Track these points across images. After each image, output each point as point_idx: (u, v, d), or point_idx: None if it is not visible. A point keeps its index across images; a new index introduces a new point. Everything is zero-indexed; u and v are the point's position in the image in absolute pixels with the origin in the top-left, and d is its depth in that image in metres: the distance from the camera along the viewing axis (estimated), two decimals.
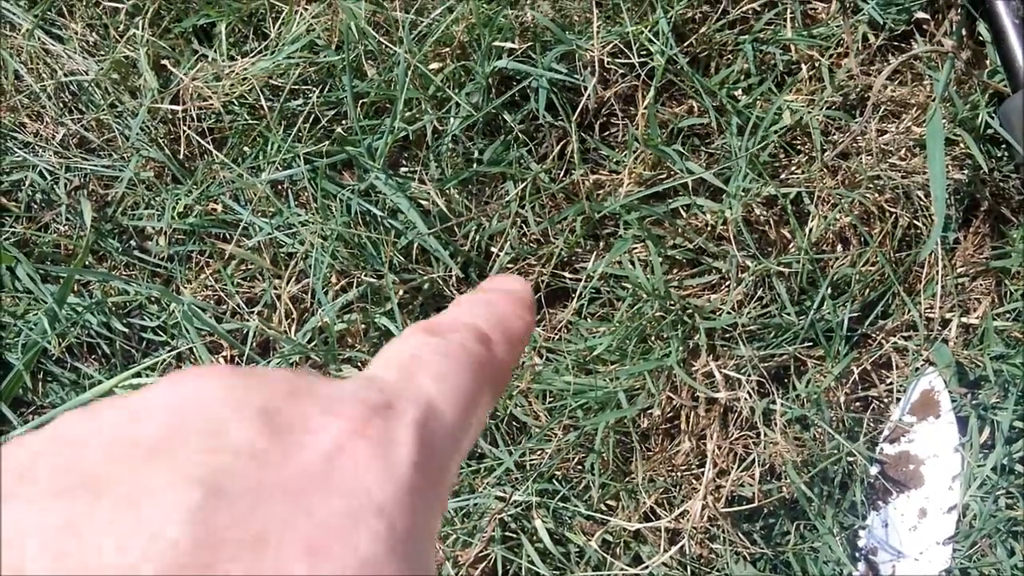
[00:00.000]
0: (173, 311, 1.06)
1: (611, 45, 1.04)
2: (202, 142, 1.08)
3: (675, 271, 1.06)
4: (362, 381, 0.25)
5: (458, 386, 0.26)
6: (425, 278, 1.05)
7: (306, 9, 1.09)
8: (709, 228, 1.04)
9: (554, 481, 1.02)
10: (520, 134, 1.06)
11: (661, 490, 1.01)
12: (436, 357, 0.26)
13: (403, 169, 1.10)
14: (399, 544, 0.21)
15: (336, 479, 0.21)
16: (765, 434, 1.01)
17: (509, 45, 1.05)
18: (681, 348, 1.01)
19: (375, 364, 0.26)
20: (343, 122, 1.09)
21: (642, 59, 1.04)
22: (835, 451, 1.01)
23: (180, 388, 0.23)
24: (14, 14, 1.13)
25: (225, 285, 1.08)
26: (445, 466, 0.24)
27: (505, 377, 0.29)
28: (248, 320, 1.06)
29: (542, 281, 1.07)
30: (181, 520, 0.19)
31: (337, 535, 0.20)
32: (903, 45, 1.08)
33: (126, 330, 1.08)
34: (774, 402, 1.00)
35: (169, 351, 1.06)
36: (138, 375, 1.04)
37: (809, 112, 1.04)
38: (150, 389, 0.23)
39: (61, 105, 1.11)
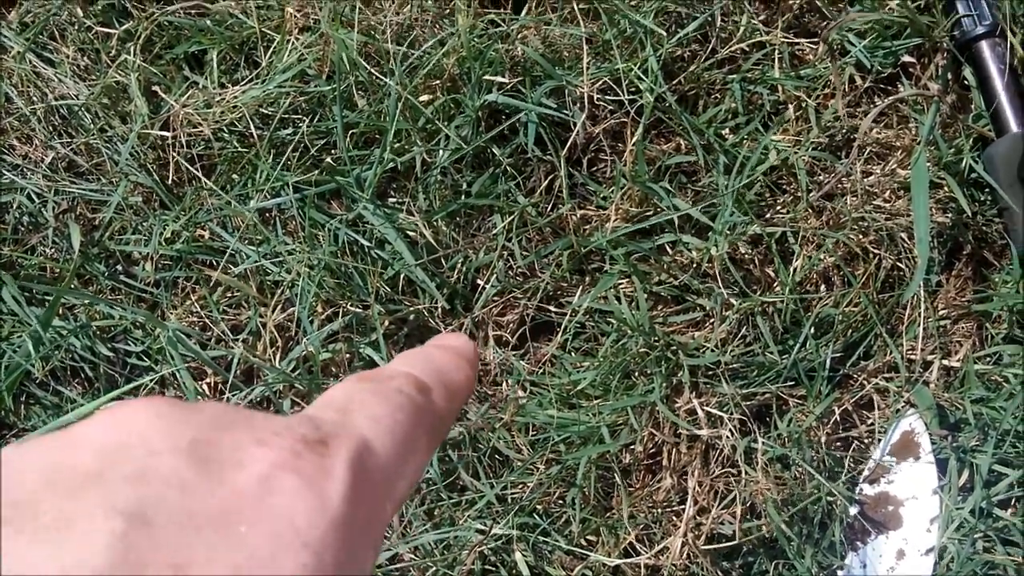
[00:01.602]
0: (158, 336, 1.12)
1: (600, 82, 1.10)
2: (191, 168, 1.14)
3: (660, 307, 1.12)
4: (298, 417, 0.26)
5: (394, 429, 0.27)
6: (411, 309, 1.11)
7: (298, 38, 1.15)
8: (695, 265, 1.10)
9: (535, 515, 1.08)
10: (508, 167, 1.12)
11: (642, 526, 1.07)
12: (373, 399, 0.28)
13: (391, 199, 1.16)
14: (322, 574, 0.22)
15: (264, 511, 0.23)
16: (746, 472, 1.06)
17: (499, 79, 1.11)
18: (664, 384, 1.06)
19: (313, 406, 0.28)
20: (332, 151, 1.15)
21: (631, 96, 1.10)
22: (815, 491, 1.07)
23: (116, 420, 0.24)
24: (6, 37, 1.19)
25: (211, 312, 1.13)
26: (379, 505, 0.26)
27: (443, 426, 0.31)
28: (233, 347, 1.11)
29: (527, 315, 1.12)
30: (103, 547, 0.20)
31: (261, 566, 0.22)
32: (889, 88, 1.14)
33: (110, 354, 1.13)
34: (756, 440, 1.06)
35: (153, 377, 1.11)
36: (120, 399, 1.10)
37: (795, 152, 1.10)
38: (88, 421, 0.24)
39: (51, 128, 1.17)
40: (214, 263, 1.15)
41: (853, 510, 1.08)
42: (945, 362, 1.12)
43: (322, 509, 0.23)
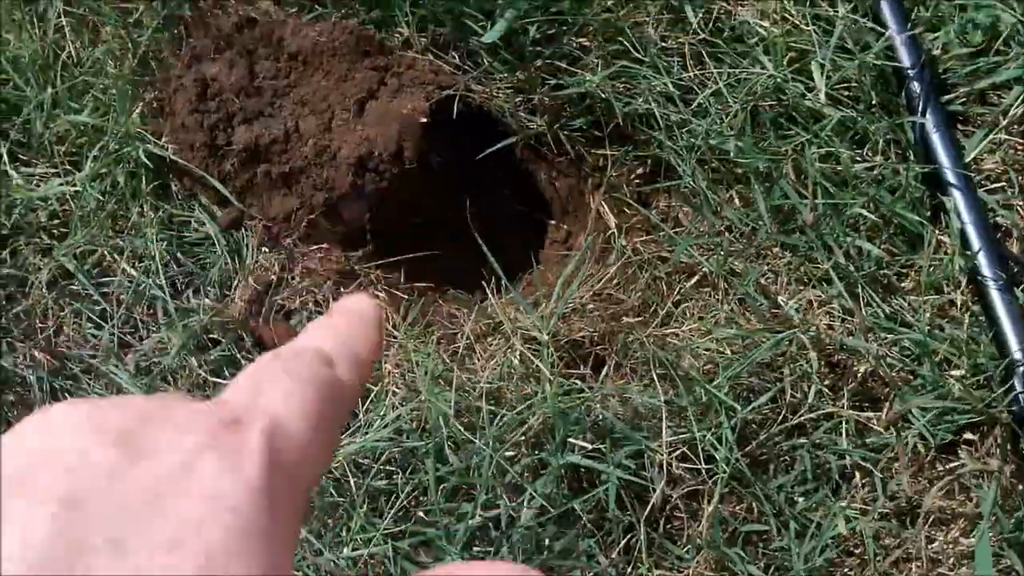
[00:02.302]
0: None
1: (678, 451, 1.21)
2: None
3: None
4: (212, 401, 0.29)
5: (302, 403, 0.30)
6: None
7: (395, 393, 1.27)
8: None
9: None
10: (588, 523, 1.22)
11: None
12: (280, 377, 0.30)
13: (475, 549, 1.25)
14: (250, 538, 0.25)
15: (189, 486, 0.25)
16: None
17: (581, 443, 1.21)
18: None
19: (227, 389, 0.31)
20: (422, 499, 1.25)
21: (708, 465, 1.20)
22: None
23: (46, 422, 0.27)
24: (121, 379, 1.31)
25: None
26: (295, 474, 0.28)
27: (352, 395, 0.33)
28: None
29: None
30: (41, 531, 0.23)
31: (191, 530, 0.24)
32: (950, 457, 1.24)
33: None
34: None
35: None
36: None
37: (863, 520, 1.19)
38: (19, 427, 0.27)
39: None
40: None
41: None
42: None
43: (241, 479, 0.26)
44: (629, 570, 1.22)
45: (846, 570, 1.22)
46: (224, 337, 1.35)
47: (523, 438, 1.24)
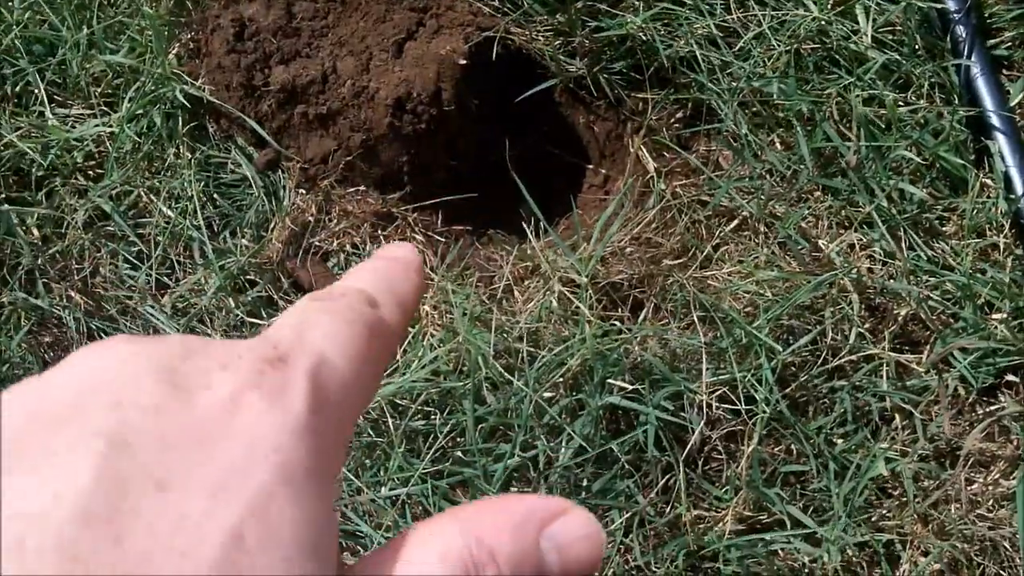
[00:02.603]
0: None
1: (717, 392, 1.22)
2: None
3: None
4: (257, 340, 0.29)
5: (347, 341, 0.30)
6: None
7: (433, 335, 1.28)
8: (806, 571, 1.19)
9: None
10: (626, 463, 1.23)
11: None
12: (325, 316, 0.30)
13: (513, 489, 1.27)
14: (295, 478, 0.25)
15: (234, 426, 0.25)
16: None
17: (620, 383, 1.23)
18: None
19: (271, 327, 0.30)
20: (460, 440, 1.26)
21: (747, 406, 1.21)
22: None
23: (88, 359, 0.27)
24: (159, 320, 1.33)
25: None
26: (340, 413, 0.28)
27: (395, 336, 0.33)
28: None
29: None
30: (88, 468, 0.23)
31: (235, 472, 0.24)
32: (991, 400, 1.25)
33: None
34: None
35: None
36: None
37: (902, 462, 1.21)
38: (63, 364, 0.27)
39: None
40: (344, 545, 1.26)
41: None
42: None
43: (286, 419, 0.26)
44: (667, 510, 1.24)
45: (885, 511, 1.23)
46: (261, 278, 1.37)
47: (561, 379, 1.26)
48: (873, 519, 1.23)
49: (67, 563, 0.22)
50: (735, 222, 1.33)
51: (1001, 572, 1.21)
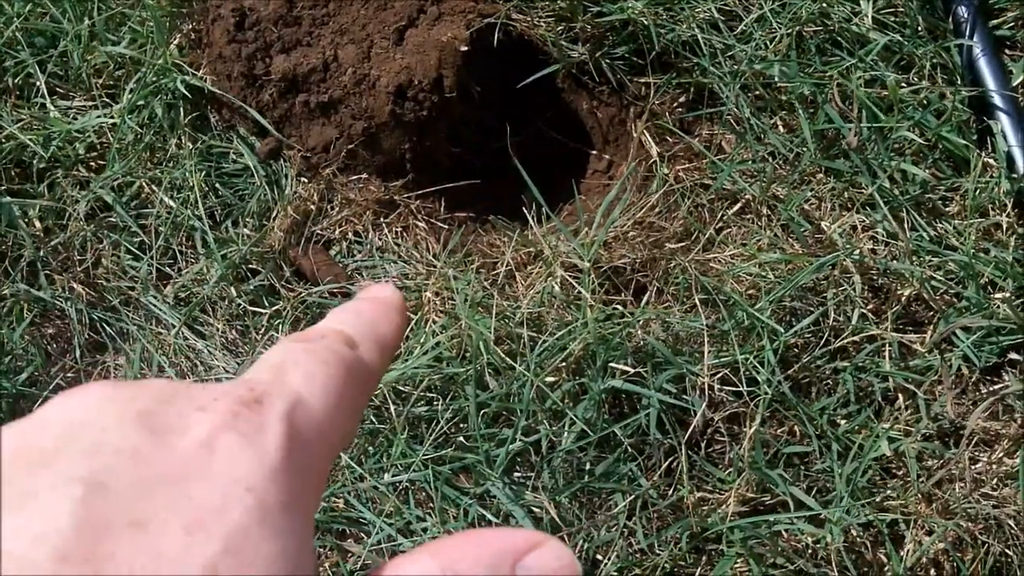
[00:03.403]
0: None
1: (719, 374, 1.26)
2: None
3: None
4: (235, 382, 0.30)
5: (325, 383, 0.31)
6: None
7: (435, 321, 1.33)
8: (809, 551, 1.23)
9: None
10: (629, 447, 1.28)
11: None
12: (305, 357, 0.32)
13: (516, 474, 1.31)
14: (269, 515, 0.26)
15: (211, 467, 0.27)
16: None
17: (622, 367, 1.27)
18: None
19: (250, 370, 0.32)
20: (462, 426, 1.31)
21: (749, 388, 1.26)
22: None
23: (67, 404, 0.28)
24: (161, 310, 1.38)
25: None
26: (315, 452, 0.30)
27: (374, 378, 0.35)
28: None
29: None
30: (66, 512, 0.24)
31: (211, 512, 0.26)
32: (994, 379, 1.29)
33: None
34: None
35: None
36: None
37: (905, 441, 1.25)
38: (45, 407, 0.28)
39: None
40: (347, 532, 1.31)
41: None
42: None
43: (261, 459, 0.27)
44: (670, 492, 1.28)
45: (888, 491, 1.27)
46: (263, 267, 1.42)
47: (564, 364, 1.30)
48: (876, 499, 1.27)
49: None
50: (738, 205, 1.37)
51: (1006, 550, 1.25)
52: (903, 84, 1.33)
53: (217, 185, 1.46)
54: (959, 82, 1.33)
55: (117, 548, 0.24)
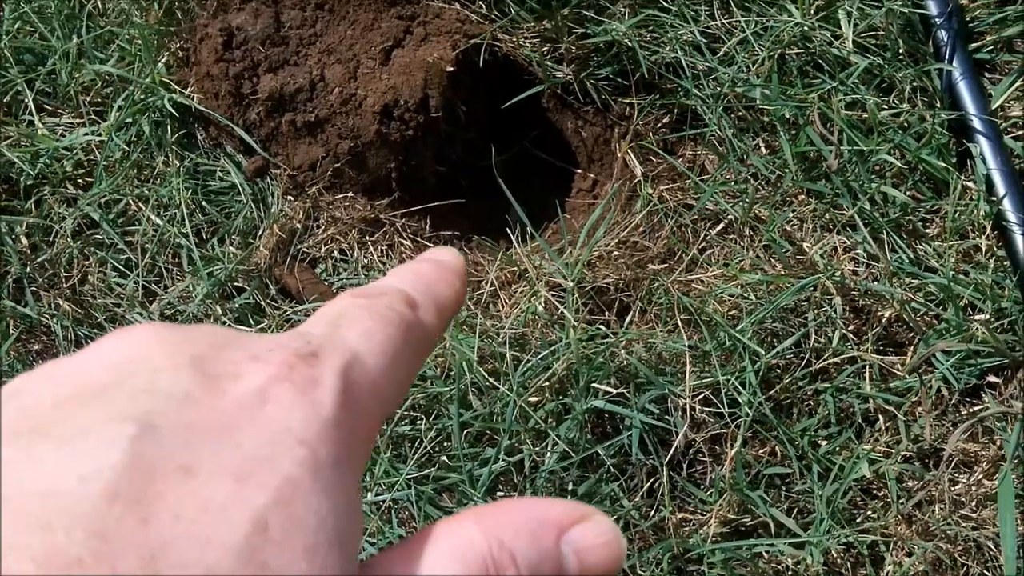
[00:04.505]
0: None
1: (701, 395, 1.31)
2: None
3: None
4: (291, 333, 0.31)
5: (382, 341, 0.31)
6: None
7: None
8: (790, 573, 1.28)
9: None
10: (611, 467, 1.32)
11: None
12: (362, 314, 0.32)
13: (499, 493, 1.36)
14: (321, 470, 0.26)
15: (262, 417, 0.27)
16: None
17: (605, 388, 1.32)
18: None
19: (307, 322, 0.32)
20: (446, 445, 1.36)
21: (730, 410, 1.30)
22: None
23: (121, 342, 0.28)
24: None
25: None
26: (368, 411, 0.30)
27: (431, 339, 0.35)
28: None
29: None
30: (118, 449, 0.24)
31: (262, 462, 0.26)
32: (974, 401, 1.34)
33: None
34: None
35: None
36: None
37: (886, 463, 1.29)
38: (96, 344, 0.29)
39: None
40: None
41: None
42: None
43: (315, 413, 0.27)
44: (652, 513, 1.33)
45: (869, 512, 1.32)
46: (249, 285, 1.46)
47: (547, 384, 1.35)
48: (857, 520, 1.31)
49: (93, 540, 0.23)
50: (720, 226, 1.42)
51: (985, 572, 1.30)
52: (883, 107, 1.38)
53: (204, 203, 1.50)
54: (939, 105, 1.37)
55: (166, 492, 0.24)
